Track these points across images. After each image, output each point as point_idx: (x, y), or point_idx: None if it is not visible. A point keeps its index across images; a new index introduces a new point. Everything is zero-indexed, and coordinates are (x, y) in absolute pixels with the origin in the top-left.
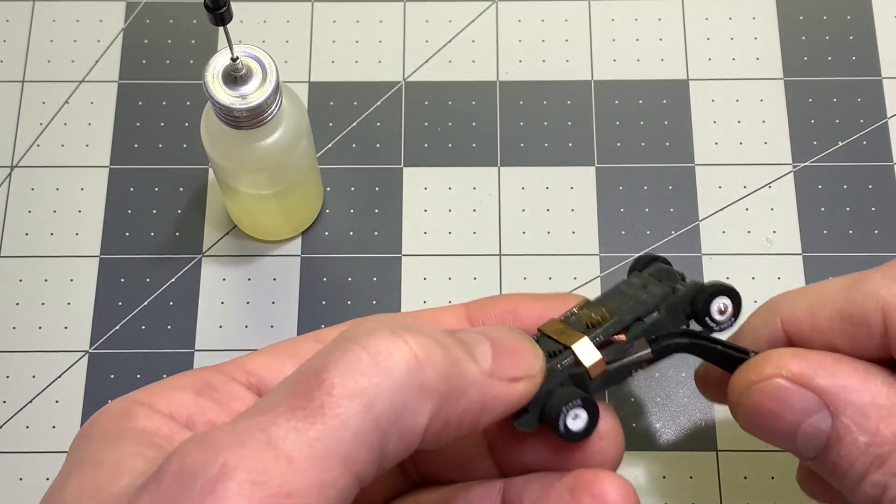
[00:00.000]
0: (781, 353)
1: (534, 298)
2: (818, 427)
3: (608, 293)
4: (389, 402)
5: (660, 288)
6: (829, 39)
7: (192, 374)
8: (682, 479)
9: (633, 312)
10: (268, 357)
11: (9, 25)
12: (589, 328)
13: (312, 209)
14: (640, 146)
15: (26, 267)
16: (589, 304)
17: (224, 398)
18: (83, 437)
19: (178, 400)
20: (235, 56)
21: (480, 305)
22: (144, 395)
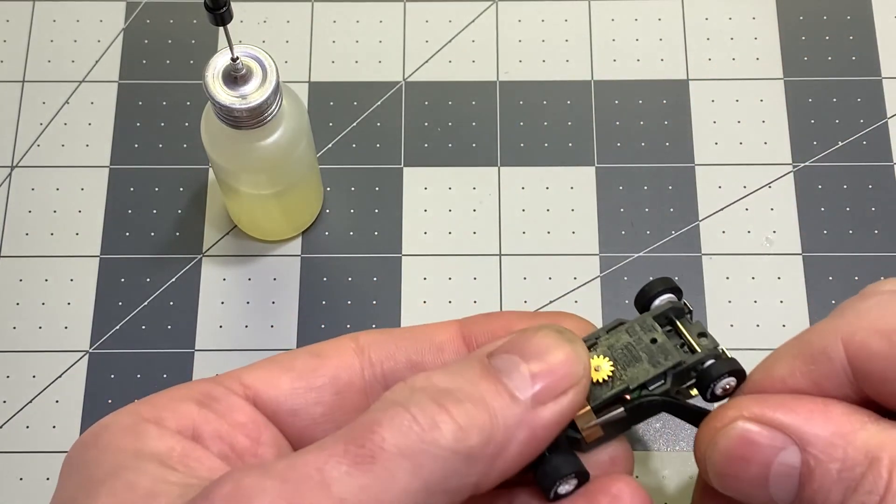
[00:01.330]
0: (740, 398)
1: (529, 318)
2: (788, 464)
3: (614, 334)
4: (438, 468)
5: (672, 349)
6: (829, 39)
7: (191, 385)
8: (682, 479)
9: (641, 379)
10: (264, 371)
11: (9, 25)
12: (591, 383)
13: (312, 209)
14: (640, 146)
15: (26, 267)
16: (593, 346)
17: (225, 409)
18: (91, 448)
19: (182, 412)
20: (235, 56)
21: (474, 322)
22: (149, 409)
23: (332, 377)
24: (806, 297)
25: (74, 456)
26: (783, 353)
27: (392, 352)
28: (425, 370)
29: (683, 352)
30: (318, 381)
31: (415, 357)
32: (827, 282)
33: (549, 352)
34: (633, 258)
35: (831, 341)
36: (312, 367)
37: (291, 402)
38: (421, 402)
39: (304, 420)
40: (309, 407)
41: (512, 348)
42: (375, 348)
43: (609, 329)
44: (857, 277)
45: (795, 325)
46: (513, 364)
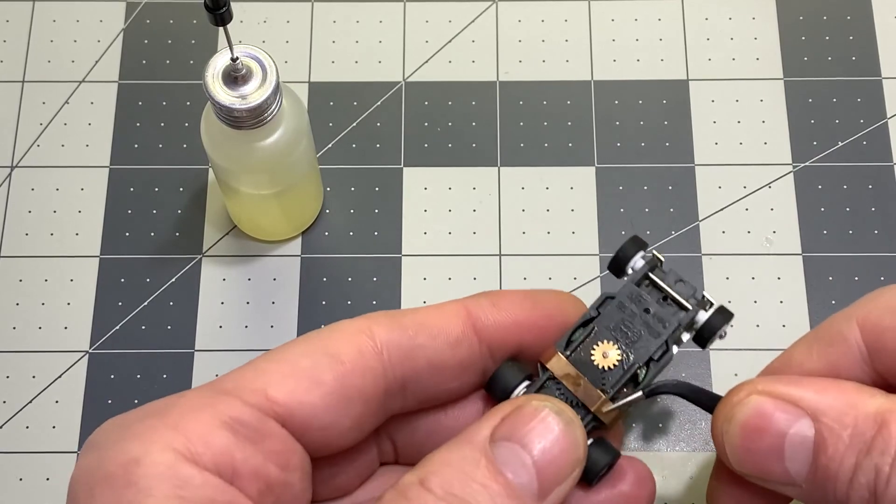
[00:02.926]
0: (753, 379)
1: (532, 305)
2: (802, 434)
3: (608, 314)
4: None
5: (666, 315)
6: (829, 39)
7: (215, 400)
8: (683, 479)
9: (647, 354)
10: (292, 382)
11: (9, 25)
12: (602, 371)
13: (312, 209)
14: (640, 146)
15: (26, 267)
16: (592, 332)
17: (258, 437)
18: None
19: (217, 445)
20: (235, 56)
21: (482, 310)
22: (182, 441)
23: (360, 388)
24: (806, 298)
25: (103, 493)
26: (801, 340)
27: (411, 351)
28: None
29: (674, 310)
30: (348, 392)
31: (433, 357)
32: (827, 282)
33: (551, 442)
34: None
35: (846, 323)
36: (341, 379)
37: (324, 419)
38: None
39: (332, 433)
40: (338, 420)
41: (513, 434)
42: (394, 348)
43: (599, 306)
44: (856, 277)
45: (795, 325)
46: (516, 457)
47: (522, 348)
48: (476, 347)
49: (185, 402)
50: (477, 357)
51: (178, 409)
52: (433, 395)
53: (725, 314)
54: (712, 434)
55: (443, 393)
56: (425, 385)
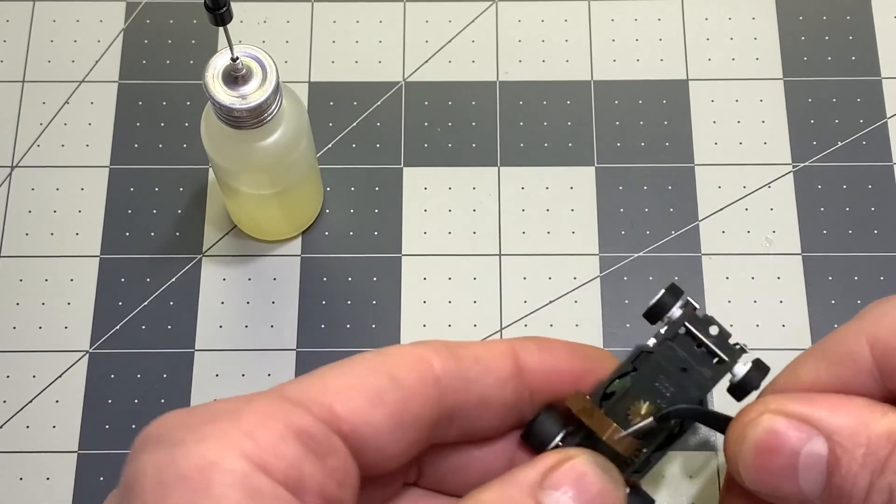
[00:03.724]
0: (766, 397)
1: (575, 355)
2: (816, 453)
3: (647, 370)
4: None
5: (701, 376)
6: (828, 39)
7: (281, 410)
8: (683, 479)
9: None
10: (357, 400)
11: (9, 25)
12: (628, 420)
13: (312, 209)
14: (640, 146)
15: (26, 267)
16: (630, 391)
17: (323, 452)
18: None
19: (289, 456)
20: (235, 56)
21: (529, 352)
22: (253, 448)
23: (417, 415)
24: (806, 297)
25: (177, 495)
26: (807, 357)
27: (465, 384)
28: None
29: (709, 363)
30: (406, 417)
31: (484, 393)
32: (827, 282)
33: (596, 498)
34: (632, 258)
35: (856, 343)
36: (402, 403)
37: (382, 441)
38: None
39: (385, 456)
40: (393, 444)
41: (561, 485)
42: (450, 378)
43: (634, 360)
44: (856, 277)
45: (795, 325)
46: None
47: (559, 396)
48: (521, 389)
49: (256, 407)
50: (520, 399)
51: (250, 414)
52: (475, 430)
53: (762, 369)
54: (725, 453)
55: (484, 430)
56: (470, 419)
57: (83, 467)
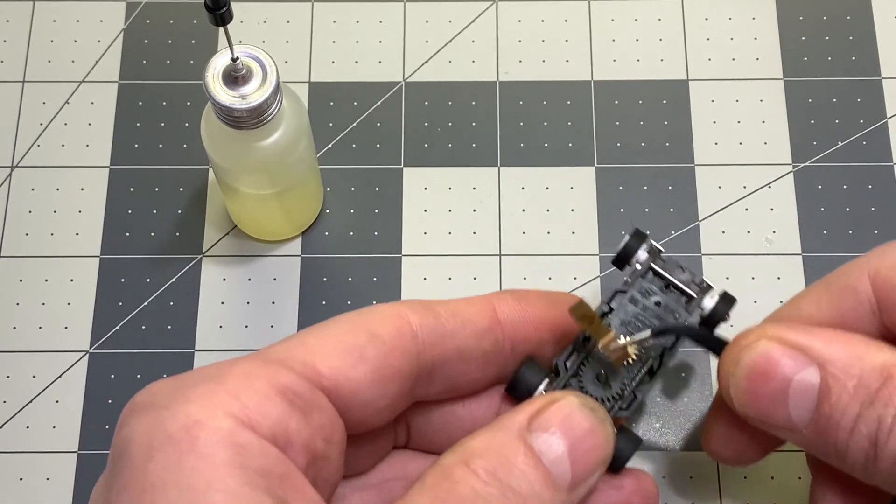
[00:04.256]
0: (762, 324)
1: (552, 304)
2: (808, 381)
3: (622, 307)
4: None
5: (675, 304)
6: (829, 39)
7: (265, 370)
8: (682, 479)
9: (662, 344)
10: (338, 358)
11: (9, 25)
12: (625, 366)
13: (312, 209)
14: (640, 146)
15: (26, 267)
16: (609, 326)
17: (308, 408)
18: (189, 454)
19: (274, 414)
20: (235, 56)
21: (507, 306)
22: (239, 407)
23: (398, 368)
24: None
25: (164, 455)
26: (811, 289)
27: (442, 338)
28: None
29: (678, 297)
30: (387, 371)
31: (462, 345)
32: None
33: (584, 436)
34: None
35: (857, 276)
36: (382, 358)
37: (365, 395)
38: (503, 503)
39: (370, 411)
40: (378, 399)
41: (549, 426)
42: (428, 332)
43: (610, 301)
44: None
45: None
46: (552, 448)
47: (540, 346)
48: (501, 341)
49: (240, 369)
50: (500, 351)
51: (234, 376)
52: (457, 383)
53: (729, 300)
54: (718, 375)
55: (466, 383)
56: (451, 372)
57: (83, 467)
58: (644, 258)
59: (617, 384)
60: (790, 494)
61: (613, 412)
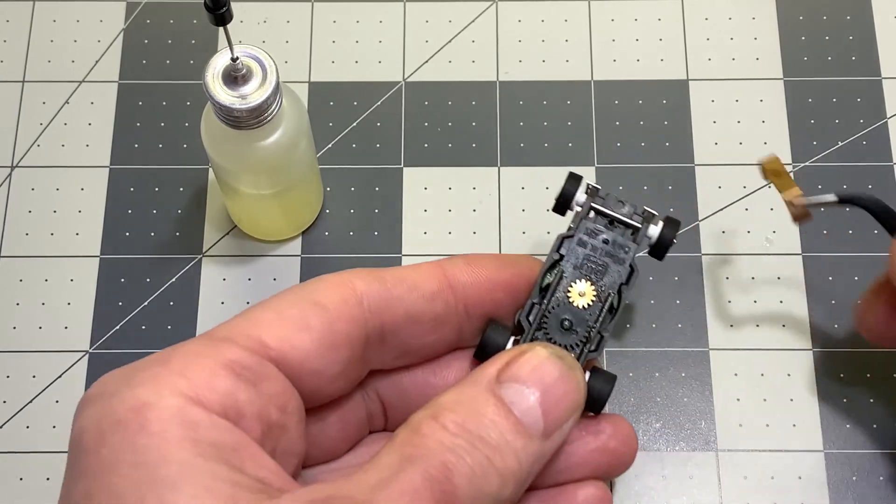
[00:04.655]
0: None
1: (503, 264)
2: None
3: (571, 252)
4: None
5: (623, 239)
6: (829, 39)
7: (214, 347)
8: (682, 479)
9: (619, 280)
10: (282, 329)
11: (9, 25)
12: (583, 309)
13: (312, 209)
14: (640, 146)
15: (26, 267)
16: (565, 275)
17: (258, 379)
18: (140, 434)
19: (222, 388)
20: (235, 56)
21: (458, 269)
22: (187, 384)
23: (345, 334)
24: (806, 298)
25: (115, 437)
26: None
27: (389, 302)
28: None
29: (624, 231)
30: (334, 338)
31: (411, 309)
32: (827, 282)
33: (555, 384)
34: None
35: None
36: (327, 324)
37: (315, 363)
38: (473, 453)
39: (323, 378)
40: (329, 366)
41: (518, 377)
42: (374, 298)
43: (559, 248)
44: (856, 277)
45: (795, 325)
46: (523, 398)
47: (497, 307)
48: (452, 303)
49: (186, 349)
50: (453, 313)
51: (180, 357)
52: (412, 348)
53: (674, 224)
54: (891, 252)
55: (422, 347)
56: (404, 337)
57: None
58: (584, 199)
59: (582, 328)
60: (790, 494)
61: (584, 356)
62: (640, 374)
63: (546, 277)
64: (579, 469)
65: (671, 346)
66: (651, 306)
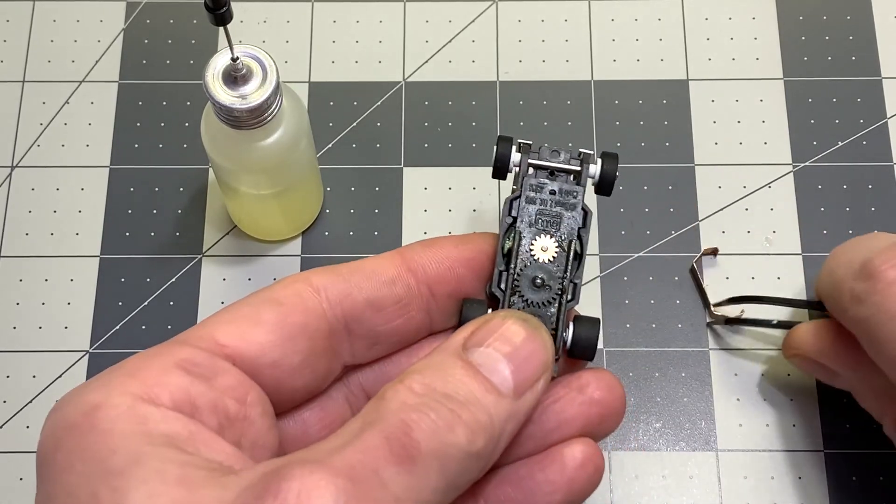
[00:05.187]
0: None
1: (459, 242)
2: None
3: (523, 211)
4: (456, 468)
5: (568, 187)
6: (829, 39)
7: (166, 350)
8: (682, 479)
9: (575, 226)
10: (234, 326)
11: (9, 25)
12: (549, 262)
13: (312, 209)
14: (640, 146)
15: (26, 267)
16: (523, 235)
17: (211, 374)
18: (90, 433)
19: (173, 384)
20: (235, 56)
21: (415, 252)
22: (138, 385)
23: (302, 325)
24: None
25: (68, 441)
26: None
27: (348, 291)
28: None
29: (567, 178)
30: (290, 329)
31: (371, 295)
32: None
33: (522, 343)
34: (633, 258)
35: None
36: (281, 317)
37: (271, 355)
38: (436, 408)
39: (284, 370)
40: (288, 357)
41: (484, 341)
42: (331, 289)
43: (510, 212)
44: None
45: None
46: (491, 360)
47: (461, 284)
48: (414, 285)
49: (140, 354)
50: (416, 295)
51: (133, 361)
52: (383, 336)
53: (612, 158)
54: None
55: (392, 333)
56: (369, 324)
57: None
58: (518, 158)
59: (554, 282)
60: (790, 494)
61: (563, 308)
62: (640, 374)
63: (506, 242)
64: (569, 426)
65: (671, 346)
66: (651, 306)
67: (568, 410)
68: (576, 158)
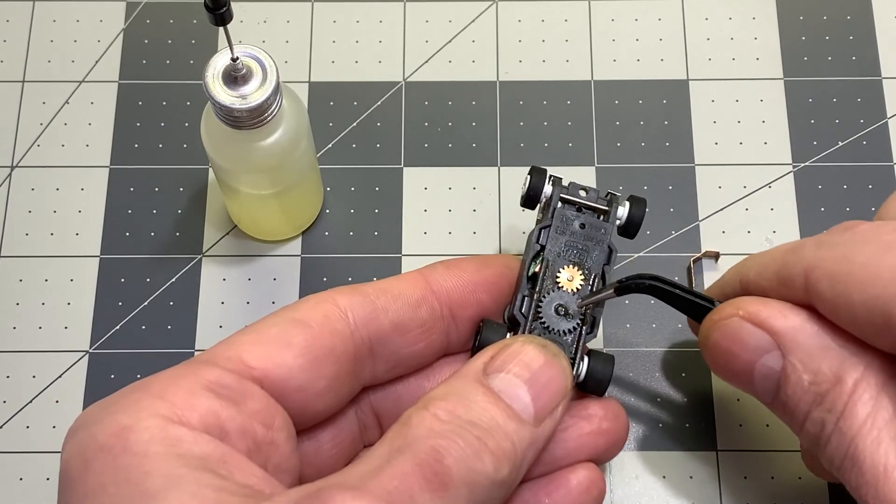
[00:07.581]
0: (743, 298)
1: (482, 265)
2: (770, 367)
3: (552, 241)
4: (483, 495)
5: (596, 221)
6: (829, 39)
7: (195, 370)
8: (682, 479)
9: (602, 261)
10: (263, 348)
11: (9, 25)
12: (574, 293)
13: (312, 209)
14: (640, 146)
15: (26, 267)
16: (551, 263)
17: (240, 398)
18: (123, 454)
19: (203, 408)
20: (235, 56)
21: (438, 275)
22: (167, 407)
23: (329, 348)
24: None
25: (99, 462)
26: (771, 262)
27: (374, 314)
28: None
29: (594, 215)
30: (318, 353)
31: (396, 318)
32: None
33: (540, 370)
34: (633, 258)
35: (797, 271)
36: (309, 340)
37: (299, 379)
38: (464, 435)
39: (310, 394)
40: (314, 381)
41: (504, 367)
42: (358, 311)
43: (538, 239)
44: None
45: None
46: (512, 386)
47: (481, 308)
48: (437, 308)
49: (166, 374)
50: (439, 318)
51: (159, 381)
52: (403, 358)
53: (640, 202)
54: (698, 341)
55: (412, 356)
56: (393, 347)
57: None
58: (551, 191)
59: (576, 312)
60: (790, 494)
61: (582, 339)
62: (640, 374)
63: (531, 267)
64: (576, 454)
65: (671, 347)
66: (651, 306)
67: (575, 438)
68: (602, 198)
